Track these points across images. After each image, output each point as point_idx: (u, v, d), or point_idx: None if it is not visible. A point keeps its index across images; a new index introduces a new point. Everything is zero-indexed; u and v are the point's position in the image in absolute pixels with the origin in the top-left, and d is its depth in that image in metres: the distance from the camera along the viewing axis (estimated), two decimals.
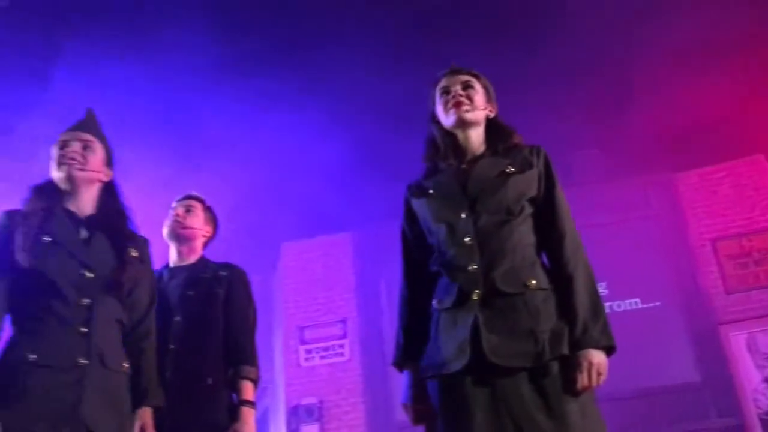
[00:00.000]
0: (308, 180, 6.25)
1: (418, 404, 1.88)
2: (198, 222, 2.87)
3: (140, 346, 2.16)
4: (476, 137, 2.08)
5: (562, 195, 1.99)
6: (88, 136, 2.20)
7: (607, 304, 6.36)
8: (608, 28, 4.90)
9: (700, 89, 5.51)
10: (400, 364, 1.97)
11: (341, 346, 7.04)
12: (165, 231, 2.84)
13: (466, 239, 1.87)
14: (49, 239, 2.00)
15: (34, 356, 1.87)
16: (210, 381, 2.52)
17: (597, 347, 1.76)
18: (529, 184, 1.95)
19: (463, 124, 2.06)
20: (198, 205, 2.91)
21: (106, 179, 2.23)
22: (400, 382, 1.99)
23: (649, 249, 6.61)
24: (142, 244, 2.24)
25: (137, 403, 2.07)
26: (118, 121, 5.17)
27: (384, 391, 6.57)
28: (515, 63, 4.87)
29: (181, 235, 2.81)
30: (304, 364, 7.05)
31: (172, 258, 2.84)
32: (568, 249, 1.89)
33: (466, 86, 2.09)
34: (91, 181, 2.17)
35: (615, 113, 5.54)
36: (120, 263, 2.08)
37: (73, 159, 2.12)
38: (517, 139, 2.09)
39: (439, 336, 1.85)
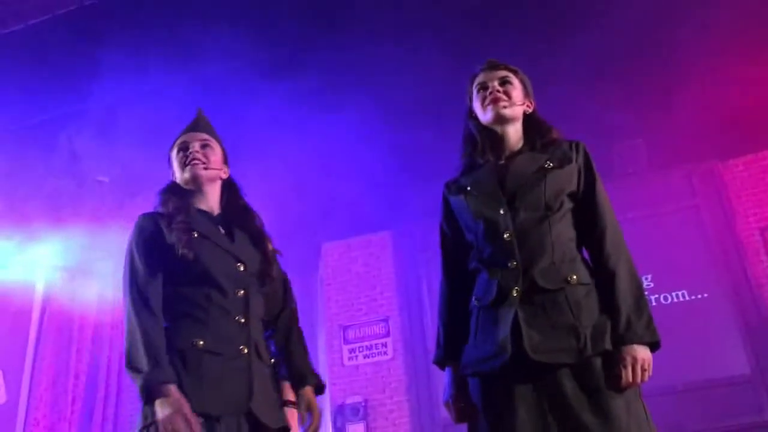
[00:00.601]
0: (348, 180, 6.28)
1: (460, 402, 1.88)
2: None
3: (289, 331, 2.21)
4: (514, 133, 2.07)
5: (603, 189, 1.97)
6: (205, 135, 2.23)
7: (652, 297, 6.26)
8: (651, 14, 4.81)
9: (744, 75, 5.37)
10: (441, 362, 1.97)
11: (384, 344, 7.06)
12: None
13: (506, 236, 1.86)
14: (198, 234, 2.02)
15: (202, 342, 1.89)
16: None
17: (641, 343, 1.73)
18: (568, 179, 1.93)
19: (501, 120, 2.04)
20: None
21: (225, 176, 2.25)
22: (442, 380, 1.99)
23: (695, 239, 6.47)
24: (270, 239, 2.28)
25: (298, 384, 2.12)
26: (159, 129, 5.28)
27: (427, 389, 6.57)
28: (556, 53, 4.82)
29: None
30: (347, 363, 7.09)
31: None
32: (609, 243, 1.86)
33: (504, 81, 2.08)
34: (214, 179, 2.20)
35: (658, 102, 5.44)
36: (265, 258, 2.13)
37: (196, 159, 2.14)
38: (555, 134, 2.06)
39: (480, 333, 1.85)
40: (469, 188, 2.01)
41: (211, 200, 2.18)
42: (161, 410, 1.75)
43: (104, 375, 7.30)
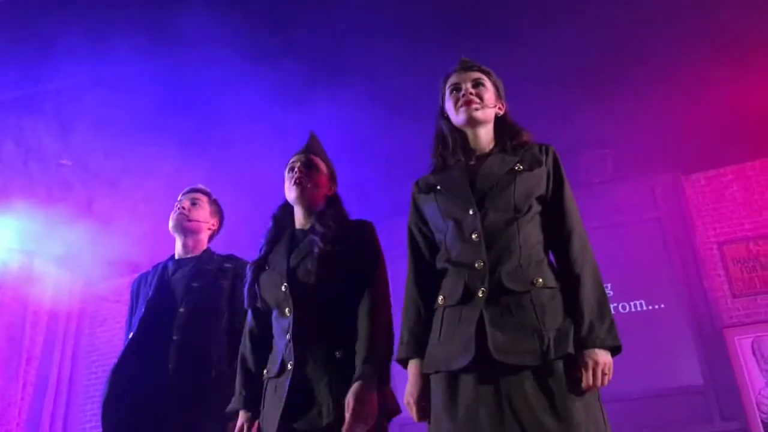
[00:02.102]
0: None
1: (422, 401, 1.88)
2: (203, 215, 2.88)
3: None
4: (485, 135, 2.09)
5: (571, 194, 1.99)
6: (311, 156, 2.45)
7: (612, 305, 6.36)
8: (618, 25, 4.86)
9: (711, 93, 5.47)
10: (403, 360, 1.97)
11: None
12: (171, 224, 2.85)
13: (474, 236, 1.86)
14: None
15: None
16: (214, 373, 2.53)
17: (603, 347, 1.75)
18: (537, 182, 1.95)
19: (473, 122, 2.06)
20: (204, 198, 2.92)
21: (330, 193, 2.45)
22: (402, 378, 1.99)
23: (656, 251, 6.59)
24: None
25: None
26: (131, 116, 5.18)
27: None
28: (524, 61, 4.84)
29: (186, 228, 2.83)
30: None
31: (178, 250, 2.86)
32: (575, 248, 1.88)
33: (477, 84, 2.09)
34: (316, 198, 2.39)
35: (627, 113, 5.50)
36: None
37: (299, 181, 2.35)
38: (526, 136, 2.08)
39: (444, 332, 1.85)
40: (439, 187, 2.01)
41: (310, 217, 2.36)
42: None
43: (57, 361, 7.16)
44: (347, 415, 1.92)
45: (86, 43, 4.52)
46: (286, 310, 2.15)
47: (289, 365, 2.07)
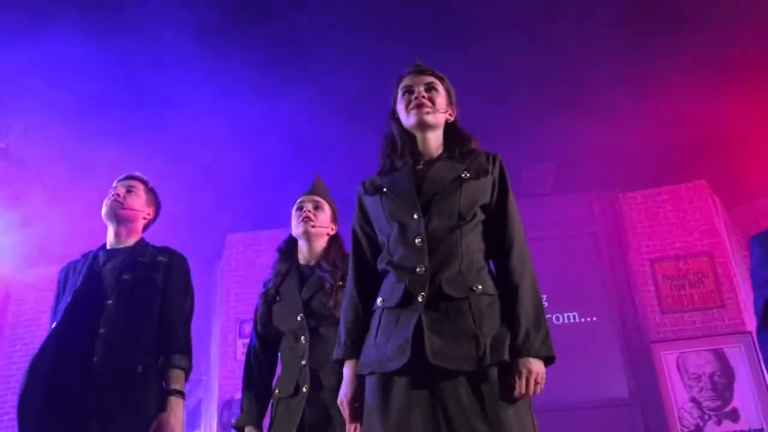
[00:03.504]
0: (261, 171, 6.15)
1: (355, 402, 1.86)
2: (139, 203, 2.78)
3: None
4: (435, 140, 2.09)
5: (515, 204, 2.00)
6: (317, 198, 2.80)
7: (546, 316, 6.48)
8: (566, 45, 4.97)
9: (650, 113, 5.65)
10: (339, 360, 1.95)
11: None
12: (104, 210, 2.74)
13: (417, 240, 1.86)
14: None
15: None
16: (140, 368, 2.44)
17: (537, 356, 1.77)
18: (483, 190, 1.96)
19: (423, 126, 2.06)
20: (140, 186, 2.82)
21: (333, 233, 2.78)
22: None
23: (591, 265, 6.76)
24: None
25: None
26: (68, 101, 4.99)
27: None
28: (474, 72, 4.89)
29: (120, 216, 2.72)
30: (240, 358, 6.94)
31: (110, 239, 2.75)
32: (515, 257, 1.89)
33: (430, 88, 2.10)
34: (320, 235, 2.72)
35: (569, 129, 5.63)
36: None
37: (307, 218, 2.69)
38: (474, 144, 2.10)
39: (381, 334, 1.84)
40: (385, 189, 2.00)
41: (314, 253, 2.71)
42: None
43: None
44: None
45: (24, 22, 4.34)
46: (302, 338, 2.47)
47: (304, 388, 2.37)
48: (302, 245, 2.75)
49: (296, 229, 2.74)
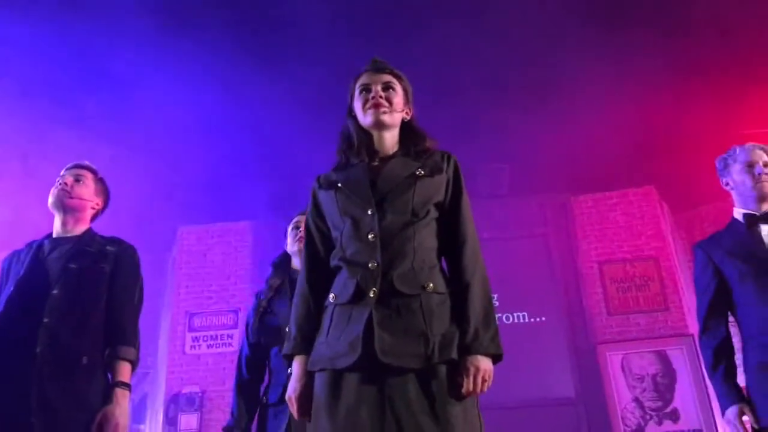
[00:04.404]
0: (215, 164, 6.07)
1: (303, 398, 1.85)
2: (87, 193, 2.71)
3: None
4: (390, 138, 2.10)
5: (468, 203, 2.02)
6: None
7: (496, 315, 6.57)
8: (525, 45, 5.02)
9: (603, 117, 5.75)
10: (289, 356, 1.94)
11: (230, 336, 6.89)
12: (50, 200, 2.66)
13: (370, 236, 1.86)
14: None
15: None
16: (85, 360, 2.38)
17: (485, 354, 1.79)
18: (437, 188, 1.97)
19: (380, 125, 2.07)
20: (89, 175, 2.75)
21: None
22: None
23: (541, 266, 6.87)
24: None
25: None
26: (6, 80, 4.82)
27: None
28: (433, 70, 4.92)
29: (67, 206, 2.65)
30: (189, 351, 6.86)
31: (56, 229, 2.67)
32: (467, 256, 1.91)
33: (387, 87, 2.10)
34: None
35: (524, 131, 5.70)
36: None
37: (302, 238, 2.43)
38: (429, 143, 2.11)
39: (332, 330, 1.83)
40: (340, 185, 2.00)
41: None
42: None
43: None
44: None
45: None
46: None
47: None
48: (296, 262, 2.95)
49: (291, 247, 2.96)
